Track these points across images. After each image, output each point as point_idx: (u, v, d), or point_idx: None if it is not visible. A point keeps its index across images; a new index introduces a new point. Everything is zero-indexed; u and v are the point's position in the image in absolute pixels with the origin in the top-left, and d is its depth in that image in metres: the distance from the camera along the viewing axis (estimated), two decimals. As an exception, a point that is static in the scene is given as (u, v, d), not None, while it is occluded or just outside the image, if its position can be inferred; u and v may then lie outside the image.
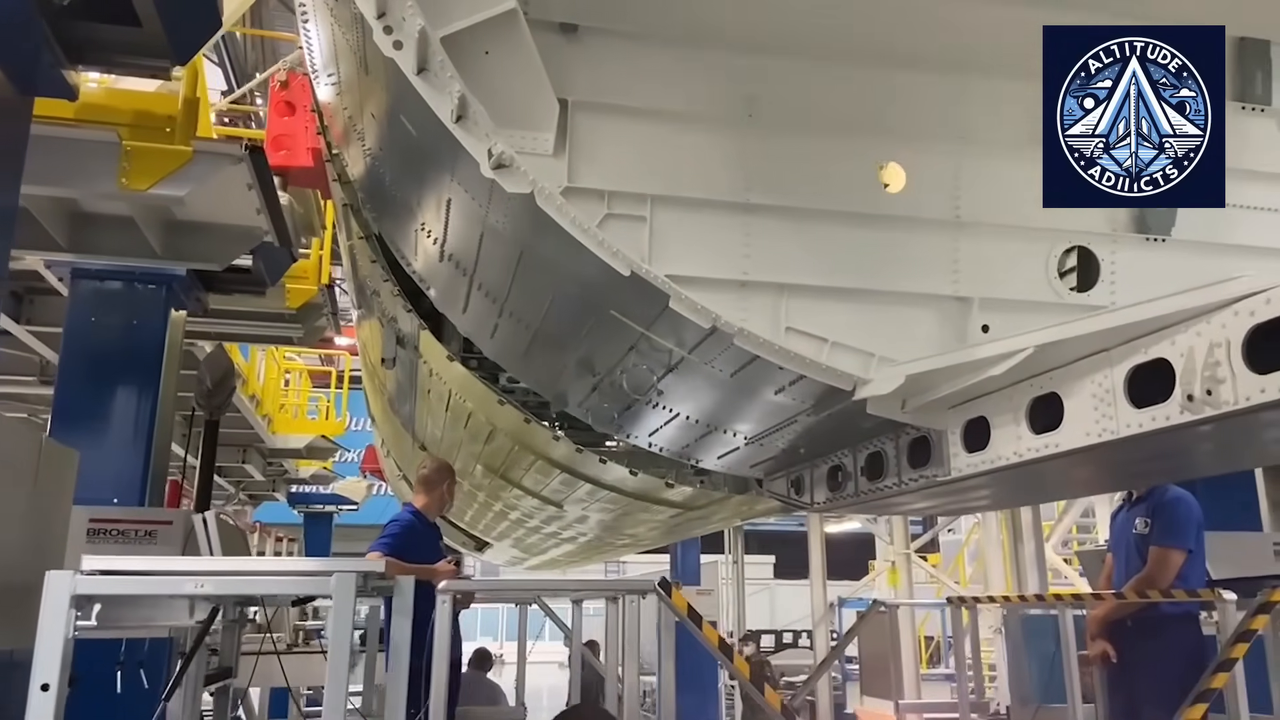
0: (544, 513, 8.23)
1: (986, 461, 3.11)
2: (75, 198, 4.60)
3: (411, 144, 3.83)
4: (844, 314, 3.36)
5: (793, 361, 3.25)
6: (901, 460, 3.67)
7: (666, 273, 3.20)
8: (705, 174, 3.31)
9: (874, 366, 3.32)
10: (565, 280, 3.56)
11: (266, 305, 8.48)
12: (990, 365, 2.88)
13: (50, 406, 6.04)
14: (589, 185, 3.20)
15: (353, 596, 3.19)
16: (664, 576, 3.47)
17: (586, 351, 4.12)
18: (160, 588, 3.05)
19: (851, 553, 23.17)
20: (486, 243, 3.87)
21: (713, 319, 3.20)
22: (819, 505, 4.37)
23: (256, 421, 13.59)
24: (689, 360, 3.65)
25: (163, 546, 5.58)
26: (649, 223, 3.24)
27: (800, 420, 3.88)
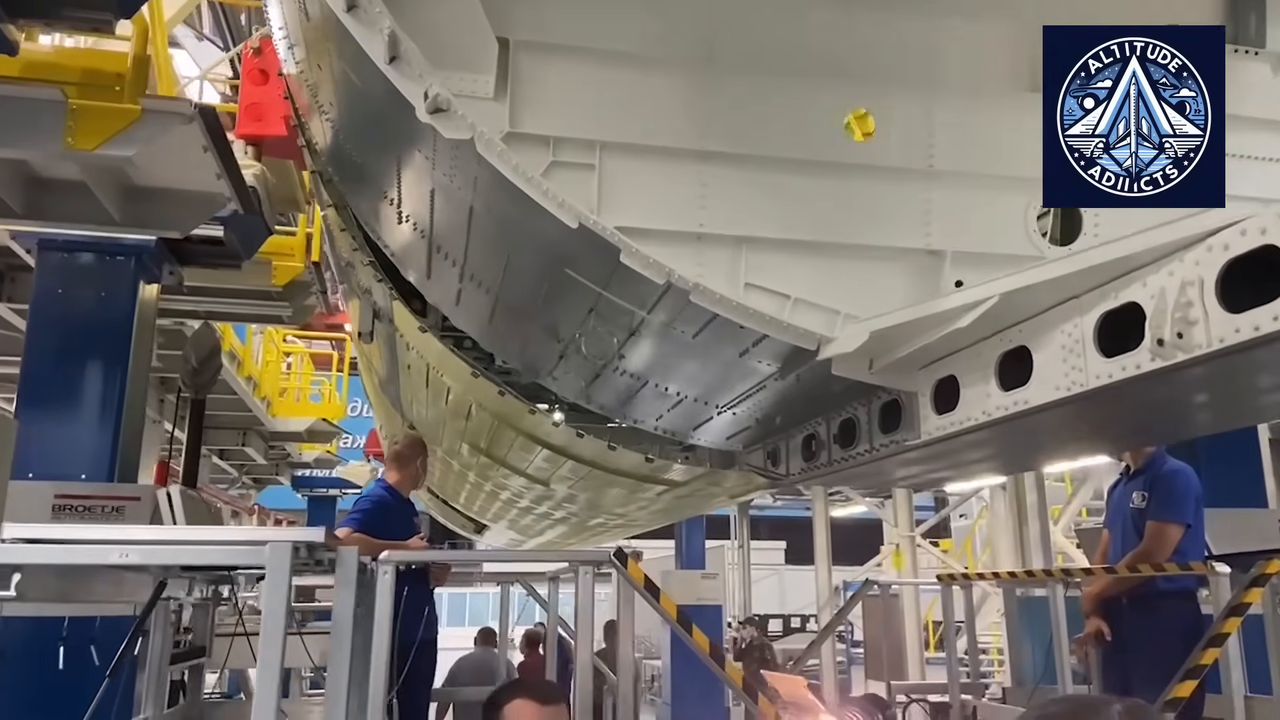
0: (533, 492, 8.08)
1: (956, 423, 2.91)
2: (27, 160, 4.44)
3: (357, 97, 3.65)
4: (807, 269, 3.16)
5: (752, 319, 3.07)
6: (873, 425, 3.49)
7: (617, 224, 3.02)
8: (659, 119, 3.12)
9: (840, 324, 3.13)
10: (517, 237, 3.38)
11: (253, 283, 8.34)
12: (955, 317, 2.68)
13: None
14: (533, 131, 3.01)
15: (288, 567, 3.02)
16: (619, 547, 3.31)
17: (548, 317, 3.95)
18: (83, 557, 2.90)
19: (860, 537, 23.00)
20: (438, 201, 3.69)
21: (666, 274, 3.01)
22: (794, 476, 4.18)
23: (255, 404, 13.48)
24: (650, 322, 3.46)
25: (130, 521, 5.45)
26: (598, 171, 3.05)
27: (770, 386, 3.69)
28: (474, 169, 3.06)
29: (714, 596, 16.99)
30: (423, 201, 3.83)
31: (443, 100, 2.85)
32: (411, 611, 5.02)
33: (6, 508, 5.36)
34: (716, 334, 3.32)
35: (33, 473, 5.54)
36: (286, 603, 3.03)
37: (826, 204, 3.19)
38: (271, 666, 2.98)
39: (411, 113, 2.88)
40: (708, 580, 17.22)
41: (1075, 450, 4.22)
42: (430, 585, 5.46)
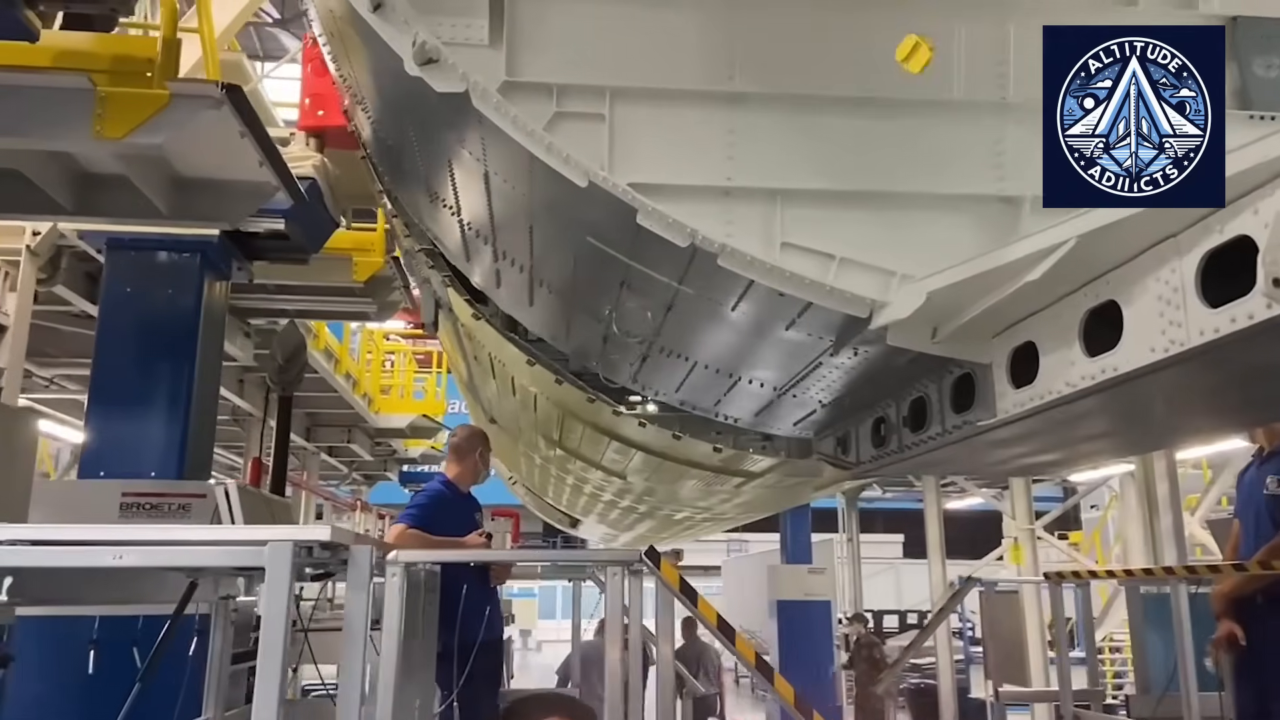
0: (612, 485, 7.80)
1: (1035, 397, 2.45)
2: (73, 154, 4.38)
3: (375, 76, 3.41)
4: (855, 224, 2.73)
5: (790, 284, 2.66)
6: (945, 405, 3.02)
7: (632, 181, 2.66)
8: (678, 59, 2.73)
9: (895, 287, 2.68)
10: (532, 203, 3.07)
11: (336, 279, 8.32)
12: (1025, 269, 2.22)
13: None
14: (533, 79, 2.68)
15: (288, 567, 2.78)
16: (651, 546, 2.97)
17: (583, 293, 3.63)
18: (76, 559, 2.72)
19: (980, 529, 21.98)
20: (457, 172, 3.42)
21: (690, 235, 2.64)
22: (865, 465, 3.74)
23: (356, 401, 13.66)
24: (684, 293, 3.10)
25: (196, 519, 5.41)
26: (609, 121, 2.69)
27: (826, 363, 3.27)
28: (476, 129, 2.76)
29: (822, 592, 16.42)
30: (444, 175, 3.57)
31: (431, 49, 2.56)
32: (471, 612, 4.79)
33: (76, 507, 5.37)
34: (756, 304, 2.93)
35: (104, 470, 5.59)
36: (287, 607, 2.79)
37: (877, 148, 2.75)
38: (272, 676, 2.75)
39: (399, 63, 2.60)
40: (815, 575, 16.68)
41: (1188, 429, 3.62)
42: (491, 584, 5.22)
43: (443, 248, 4.70)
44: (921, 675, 16.50)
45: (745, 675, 21.70)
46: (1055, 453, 3.42)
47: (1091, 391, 2.21)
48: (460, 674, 4.73)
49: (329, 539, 2.98)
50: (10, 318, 6.19)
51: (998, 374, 2.66)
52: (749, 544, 33.11)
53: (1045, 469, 5.83)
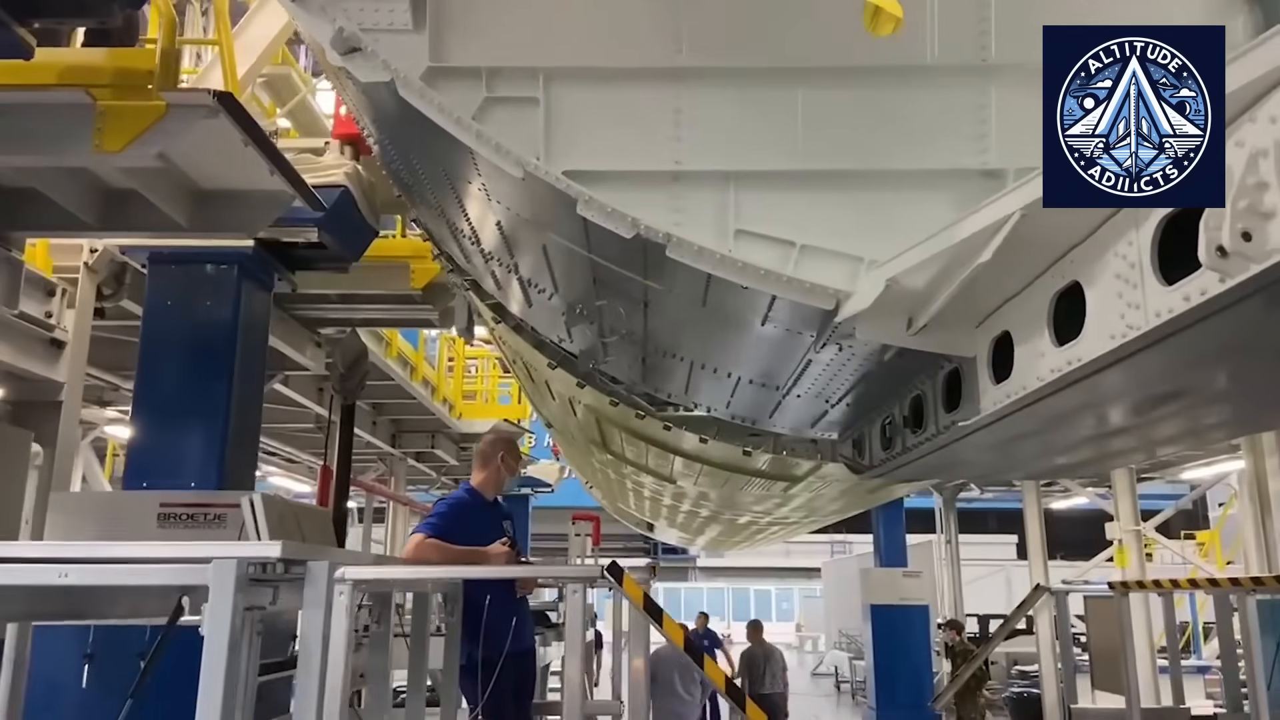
0: (666, 490, 7.60)
1: (1010, 394, 2.14)
2: (93, 170, 4.45)
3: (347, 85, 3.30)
4: (818, 207, 2.47)
5: (746, 275, 2.42)
6: (938, 403, 2.72)
7: (570, 169, 2.47)
8: (619, 33, 2.52)
9: (863, 274, 2.41)
10: (490, 199, 2.90)
11: (395, 287, 8.36)
12: (977, 249, 1.93)
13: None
14: (461, 63, 2.51)
15: (231, 588, 2.69)
16: (614, 561, 2.76)
17: (565, 292, 3.44)
18: (22, 578, 2.69)
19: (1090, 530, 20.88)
20: (424, 174, 3.29)
21: (633, 225, 2.43)
22: (875, 467, 3.44)
23: (436, 407, 13.81)
24: (654, 289, 2.88)
25: (230, 530, 5.44)
26: (544, 105, 2.51)
27: (816, 359, 3.00)
28: (415, 123, 2.61)
29: (919, 596, 15.80)
30: (418, 177, 3.44)
31: (351, 37, 2.42)
32: (498, 623, 4.66)
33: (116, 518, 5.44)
34: (723, 298, 2.69)
35: (146, 481, 5.68)
36: (231, 628, 2.69)
37: (842, 122, 2.48)
38: (213, 703, 2.65)
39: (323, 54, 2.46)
40: (910, 579, 16.06)
41: (1184, 434, 3.13)
42: (518, 593, 5.08)
43: (453, 254, 4.60)
44: (1027, 684, 15.72)
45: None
46: (1063, 454, 3.06)
47: (1060, 386, 1.91)
48: (486, 687, 4.60)
49: (280, 555, 2.87)
50: (69, 334, 6.38)
51: (981, 368, 2.35)
52: (852, 545, 32.36)
53: (1067, 471, 5.33)
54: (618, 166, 2.50)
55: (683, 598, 33.01)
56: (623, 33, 2.52)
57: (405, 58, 2.45)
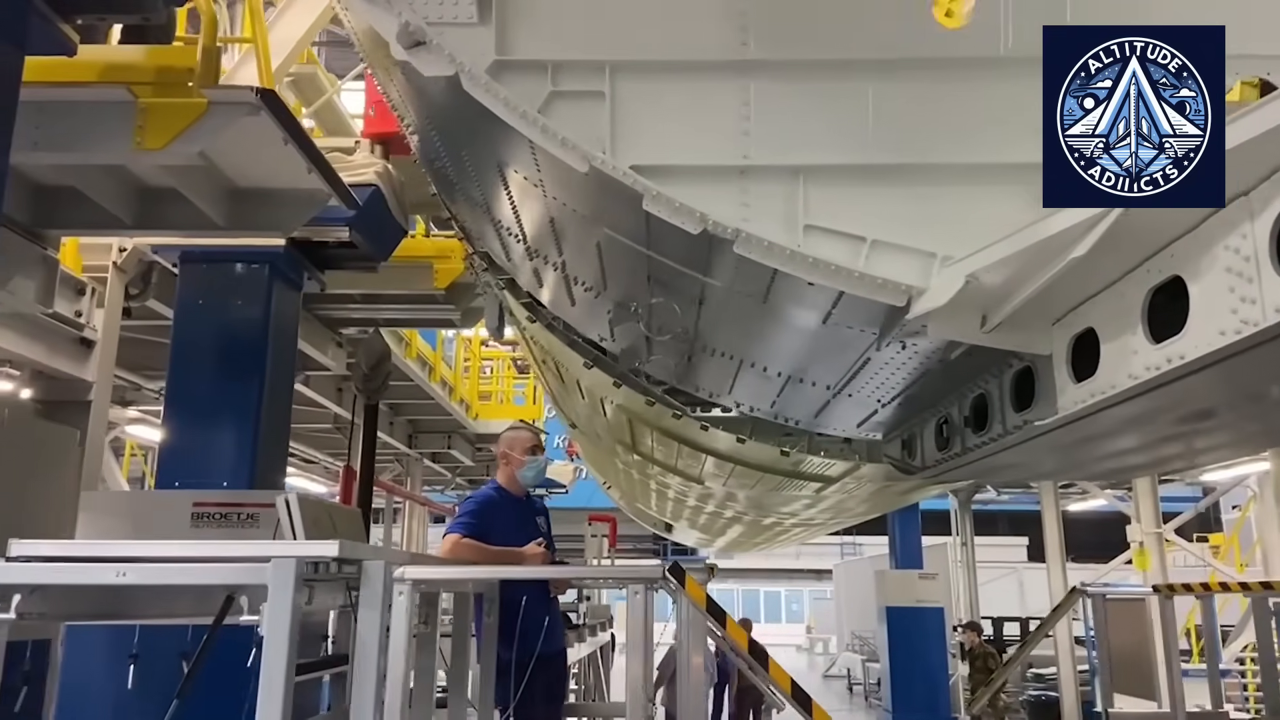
0: (693, 490, 7.55)
1: (1095, 393, 2.10)
2: (129, 169, 4.43)
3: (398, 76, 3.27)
4: (890, 202, 2.42)
5: (816, 271, 2.38)
6: (1006, 402, 2.67)
7: (637, 163, 2.43)
8: (685, 26, 2.49)
9: (936, 271, 2.37)
10: (545, 194, 2.86)
11: (418, 287, 8.34)
12: (1070, 242, 1.88)
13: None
14: (527, 56, 2.47)
15: (291, 587, 2.66)
16: (676, 562, 2.73)
17: (614, 289, 3.41)
18: (78, 576, 2.66)
19: (1107, 533, 20.77)
20: (476, 168, 3.25)
21: (700, 220, 2.39)
22: (929, 469, 3.39)
23: (453, 408, 13.81)
24: (712, 286, 2.84)
25: (263, 529, 5.42)
26: (610, 99, 2.47)
27: (875, 357, 2.96)
28: (477, 117, 2.58)
29: (934, 598, 15.73)
30: (466, 172, 3.41)
31: (416, 30, 2.39)
32: (530, 623, 4.62)
33: (150, 518, 5.42)
34: (786, 295, 2.66)
35: (179, 481, 5.67)
36: (291, 626, 2.65)
37: (913, 115, 2.44)
38: (275, 695, 2.62)
39: (386, 48, 2.43)
40: (926, 581, 15.99)
41: (1266, 433, 3.11)
42: (551, 594, 5.03)
43: (490, 251, 4.56)
44: (1044, 687, 15.61)
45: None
46: (1136, 455, 3.01)
47: (1157, 384, 1.86)
48: (518, 688, 4.56)
49: (339, 554, 2.85)
50: (99, 333, 6.37)
51: (1058, 366, 2.31)
52: (863, 547, 32.26)
53: (1128, 473, 5.28)
54: (684, 161, 2.47)
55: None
56: (689, 25, 2.48)
57: (470, 51, 2.42)
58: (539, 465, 4.87)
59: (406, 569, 2.76)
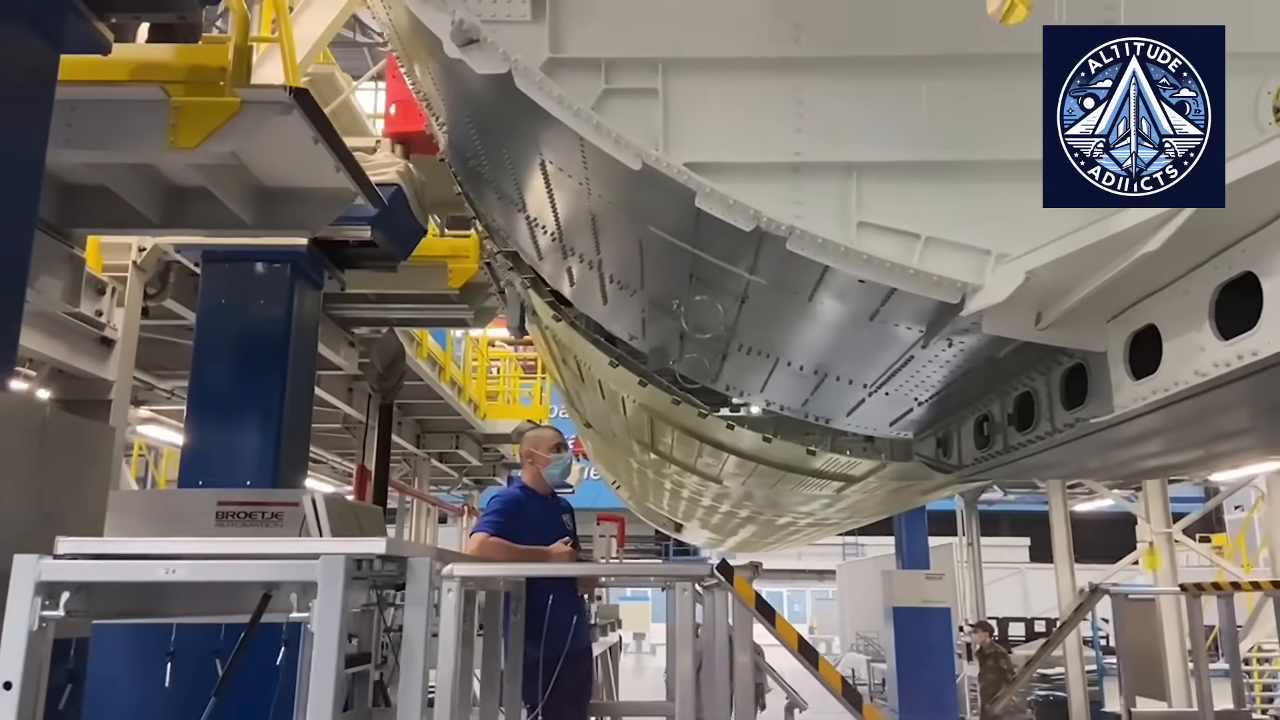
0: (709, 490, 7.55)
1: (1159, 389, 2.10)
2: (158, 167, 4.44)
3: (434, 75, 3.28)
4: (943, 198, 2.43)
5: (870, 268, 2.38)
6: (1054, 399, 2.68)
7: (690, 160, 2.43)
8: (737, 23, 2.49)
9: (990, 268, 2.37)
10: (589, 191, 2.87)
11: (432, 287, 8.35)
12: (1139, 239, 1.89)
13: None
14: (580, 54, 2.47)
15: (341, 583, 2.66)
16: (724, 559, 2.72)
17: (652, 287, 3.41)
18: (127, 573, 2.66)
19: (1115, 533, 20.78)
20: (516, 165, 3.25)
21: (754, 217, 2.39)
22: (967, 467, 3.39)
23: (462, 408, 13.82)
24: (756, 284, 2.84)
25: (288, 527, 5.43)
26: (663, 96, 2.47)
27: (918, 355, 2.96)
28: (524, 113, 2.58)
29: (941, 599, 15.75)
30: (505, 170, 3.41)
31: (470, 28, 2.39)
32: (557, 623, 4.62)
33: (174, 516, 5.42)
34: (834, 292, 2.66)
35: (202, 479, 5.68)
36: (341, 623, 2.66)
37: (966, 112, 2.44)
38: (324, 695, 2.62)
39: (439, 46, 2.44)
40: (933, 581, 16.01)
41: None
42: (578, 593, 5.03)
43: (519, 249, 4.56)
44: (1051, 687, 15.61)
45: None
46: (1186, 452, 3.01)
47: (1226, 381, 1.87)
48: (546, 687, 4.56)
49: (385, 551, 2.85)
50: (119, 332, 6.37)
51: (1114, 363, 2.31)
52: (865, 548, 32.27)
53: (1174, 470, 5.30)
54: (736, 158, 2.47)
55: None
56: (740, 23, 2.49)
57: (524, 49, 2.42)
58: (564, 462, 4.88)
59: (455, 566, 2.77)
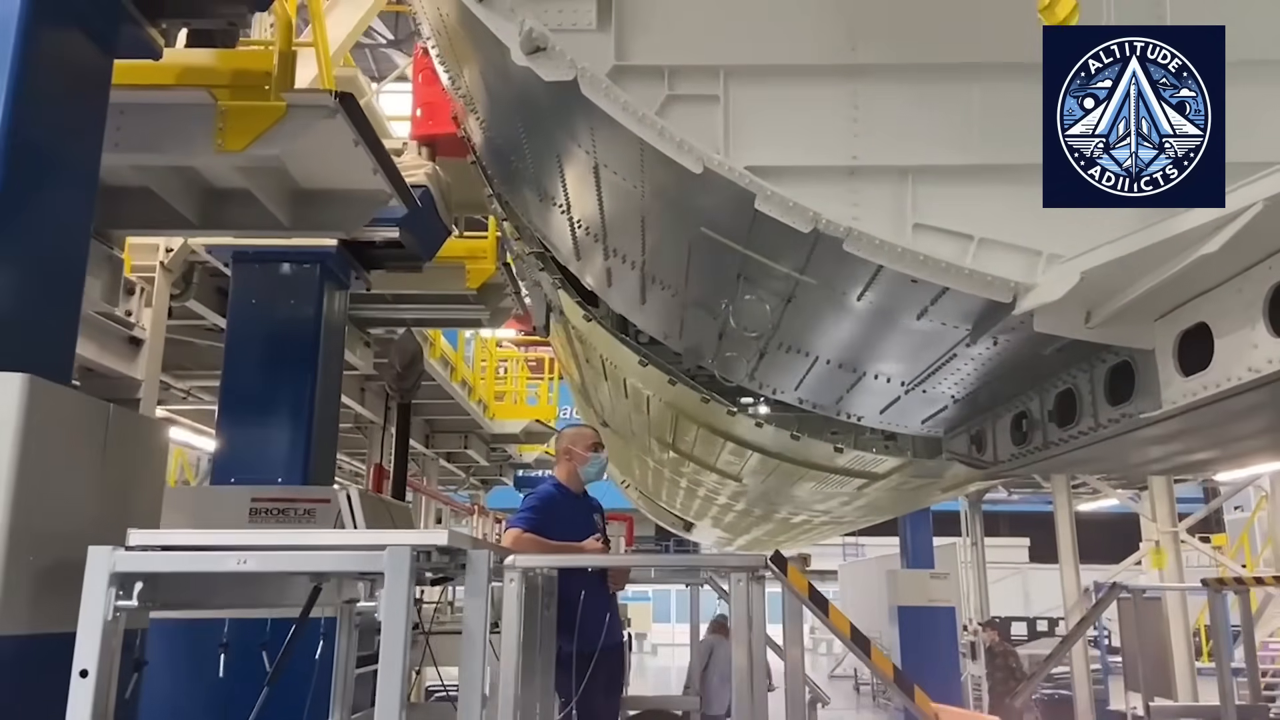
0: (727, 488, 7.63)
1: (1210, 385, 2.19)
2: (197, 168, 4.51)
3: (486, 77, 3.37)
4: (995, 201, 2.52)
5: (925, 269, 2.47)
6: (1098, 396, 2.76)
7: (750, 164, 2.52)
8: (796, 31, 2.58)
9: (1042, 268, 2.46)
10: (643, 194, 2.95)
11: (449, 287, 8.43)
12: (1200, 240, 1.97)
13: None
14: (644, 62, 2.57)
15: (407, 573, 2.74)
16: (777, 550, 2.81)
17: (696, 288, 3.49)
18: (200, 564, 2.74)
19: (1116, 533, 20.88)
20: (565, 166, 3.34)
21: (813, 219, 2.48)
22: (1004, 463, 3.48)
23: (471, 408, 13.88)
24: (805, 284, 2.93)
25: (321, 523, 5.51)
26: (724, 102, 2.56)
27: (961, 354, 3.04)
28: (585, 118, 2.67)
29: (945, 598, 15.84)
30: (553, 172, 3.50)
31: (539, 37, 2.48)
32: (591, 618, 4.70)
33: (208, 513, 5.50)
34: (885, 292, 2.74)
35: (234, 477, 5.75)
36: (407, 611, 2.74)
37: (1015, 116, 2.51)
38: (392, 681, 2.71)
39: (506, 54, 2.52)
40: (938, 580, 16.11)
41: None
42: (610, 590, 5.12)
43: (554, 249, 4.65)
44: (1055, 685, 15.69)
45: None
46: (1221, 448, 3.10)
47: None
48: (580, 681, 4.64)
49: (447, 543, 2.93)
50: (147, 332, 6.45)
51: (1162, 360, 2.40)
52: (865, 548, 32.37)
53: (1199, 468, 5.40)
54: (794, 162, 2.56)
55: (673, 599, 32.93)
56: (799, 31, 2.58)
57: (589, 57, 2.51)
58: (601, 461, 4.98)
59: (516, 558, 2.85)
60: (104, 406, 3.13)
